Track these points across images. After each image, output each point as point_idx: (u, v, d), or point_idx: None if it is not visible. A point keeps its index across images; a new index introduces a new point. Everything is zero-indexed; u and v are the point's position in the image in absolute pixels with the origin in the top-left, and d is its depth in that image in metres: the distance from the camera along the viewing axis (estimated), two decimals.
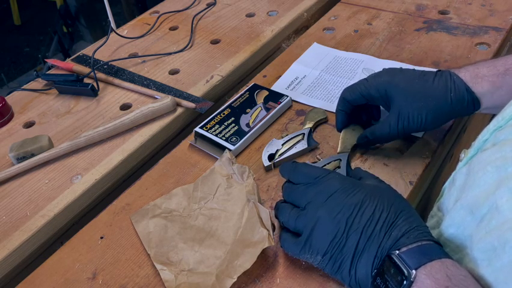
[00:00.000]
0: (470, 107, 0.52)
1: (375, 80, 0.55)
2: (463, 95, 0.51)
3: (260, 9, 0.93)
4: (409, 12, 0.85)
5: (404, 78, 0.54)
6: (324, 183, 0.45)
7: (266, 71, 0.76)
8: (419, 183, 0.55)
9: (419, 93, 0.52)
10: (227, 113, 0.66)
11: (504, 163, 0.37)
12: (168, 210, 0.54)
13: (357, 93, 0.56)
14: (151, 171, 0.61)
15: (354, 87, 0.57)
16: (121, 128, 0.67)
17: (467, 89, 0.51)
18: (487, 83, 0.51)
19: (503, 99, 0.50)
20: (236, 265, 0.46)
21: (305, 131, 0.62)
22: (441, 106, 0.52)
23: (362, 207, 0.42)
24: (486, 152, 0.40)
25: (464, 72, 0.52)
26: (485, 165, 0.39)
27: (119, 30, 0.90)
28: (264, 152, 0.60)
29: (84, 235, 0.54)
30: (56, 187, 0.60)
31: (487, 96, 0.51)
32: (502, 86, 0.50)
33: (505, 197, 0.35)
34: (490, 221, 0.36)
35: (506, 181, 0.35)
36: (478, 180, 0.39)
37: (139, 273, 0.49)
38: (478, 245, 0.37)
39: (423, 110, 0.52)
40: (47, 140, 0.65)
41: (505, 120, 0.41)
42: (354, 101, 0.57)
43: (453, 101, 0.51)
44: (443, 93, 0.52)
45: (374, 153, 0.59)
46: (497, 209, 0.35)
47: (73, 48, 2.21)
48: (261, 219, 0.49)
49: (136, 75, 0.78)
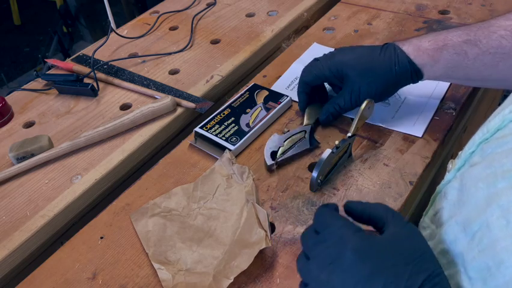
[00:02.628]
0: (413, 77, 0.57)
1: (328, 61, 0.60)
2: (406, 67, 0.56)
3: (260, 9, 0.93)
4: (409, 12, 0.85)
5: (353, 56, 0.59)
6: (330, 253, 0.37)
7: (266, 71, 0.76)
8: (419, 183, 0.55)
9: (368, 69, 0.57)
10: (227, 113, 0.66)
11: (494, 180, 0.36)
12: (167, 209, 0.54)
13: (313, 75, 0.61)
14: (151, 171, 0.61)
15: (310, 70, 0.62)
16: (121, 128, 0.67)
17: (409, 61, 0.56)
18: (426, 56, 0.55)
19: (441, 71, 0.56)
20: (233, 266, 0.46)
21: (306, 128, 0.62)
22: (387, 79, 0.57)
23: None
24: (477, 167, 0.40)
25: (407, 45, 0.56)
26: (477, 182, 0.38)
27: (119, 30, 0.90)
28: (266, 149, 0.59)
29: (84, 235, 0.54)
30: (56, 187, 0.60)
31: (427, 67, 0.56)
32: (439, 60, 0.55)
33: (495, 215, 0.34)
34: (481, 239, 0.35)
35: (496, 198, 0.35)
36: (471, 196, 0.39)
37: (139, 273, 0.49)
38: (472, 264, 0.36)
39: (372, 84, 0.57)
40: (47, 140, 0.65)
41: (490, 132, 0.41)
42: (312, 82, 0.62)
43: (397, 73, 0.56)
44: (388, 67, 0.56)
45: (374, 153, 0.59)
46: (488, 226, 0.35)
47: (73, 48, 2.21)
48: (258, 220, 0.49)
49: (136, 75, 0.78)
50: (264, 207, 0.54)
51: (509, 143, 0.37)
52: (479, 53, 0.53)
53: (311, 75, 0.61)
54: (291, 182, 0.57)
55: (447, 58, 0.54)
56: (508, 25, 0.52)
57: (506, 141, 0.38)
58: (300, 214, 0.53)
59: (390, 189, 0.54)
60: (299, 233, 0.51)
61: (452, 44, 0.54)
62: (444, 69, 0.55)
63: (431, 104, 0.64)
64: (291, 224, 0.52)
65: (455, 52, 0.54)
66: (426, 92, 0.66)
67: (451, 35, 0.55)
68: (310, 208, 0.53)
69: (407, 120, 0.63)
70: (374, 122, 0.63)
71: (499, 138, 0.39)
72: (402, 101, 0.66)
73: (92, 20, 2.18)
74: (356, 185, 0.55)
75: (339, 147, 0.54)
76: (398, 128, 0.62)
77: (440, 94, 0.66)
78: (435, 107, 0.64)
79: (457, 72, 0.55)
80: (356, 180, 0.56)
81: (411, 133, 0.61)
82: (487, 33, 0.53)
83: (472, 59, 0.53)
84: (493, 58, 0.52)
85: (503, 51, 0.51)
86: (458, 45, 0.54)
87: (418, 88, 0.67)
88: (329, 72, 0.59)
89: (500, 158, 0.37)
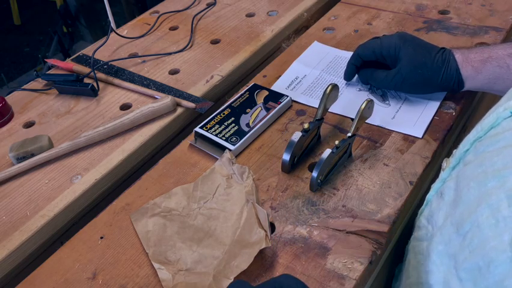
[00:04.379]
0: (455, 86, 0.59)
1: (388, 41, 0.62)
2: (453, 75, 0.58)
3: (260, 9, 0.93)
4: (409, 12, 0.85)
5: (412, 45, 0.61)
6: None
7: (266, 71, 0.76)
8: (419, 183, 0.55)
9: (422, 62, 0.59)
10: (227, 113, 0.66)
11: (485, 179, 0.36)
12: (167, 209, 0.54)
13: (370, 50, 0.63)
14: (151, 171, 0.61)
15: (369, 45, 0.64)
16: (121, 128, 0.67)
17: (457, 70, 0.58)
18: (470, 68, 0.57)
19: (482, 83, 0.58)
20: (233, 266, 0.46)
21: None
22: (433, 79, 0.59)
23: None
24: (469, 166, 0.40)
25: (459, 54, 0.59)
26: (469, 181, 0.38)
27: (119, 30, 0.90)
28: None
29: (84, 235, 0.54)
30: (56, 187, 0.60)
31: (469, 79, 0.58)
32: (481, 72, 0.56)
33: (485, 214, 0.34)
34: (472, 239, 0.35)
35: (486, 197, 0.35)
36: (463, 196, 0.38)
37: (139, 273, 0.49)
38: (464, 265, 0.36)
39: (418, 77, 0.60)
40: (47, 140, 0.65)
41: (484, 131, 0.41)
42: (366, 56, 0.65)
43: (444, 78, 0.59)
44: (439, 69, 0.59)
45: (374, 153, 0.59)
46: (479, 226, 0.35)
47: (73, 48, 2.21)
48: (258, 220, 0.49)
49: (136, 75, 0.78)
50: (264, 207, 0.54)
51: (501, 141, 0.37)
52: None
53: (368, 50, 0.64)
54: (291, 182, 0.57)
55: (489, 70, 0.56)
56: None
57: (498, 140, 0.37)
58: (300, 214, 0.53)
59: (390, 189, 0.54)
60: (299, 233, 0.51)
61: (496, 57, 0.56)
62: (486, 81, 0.57)
63: (432, 105, 0.64)
64: (291, 224, 0.52)
65: (498, 65, 0.55)
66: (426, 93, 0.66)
67: (497, 48, 0.56)
68: (310, 208, 0.53)
69: (407, 120, 0.63)
70: (373, 123, 0.63)
71: (492, 136, 0.39)
72: (403, 102, 0.66)
73: (92, 20, 2.18)
74: (356, 185, 0.55)
75: (339, 147, 0.54)
76: (398, 129, 0.62)
77: (440, 95, 0.65)
78: (435, 108, 0.64)
79: (498, 84, 0.56)
80: (356, 180, 0.56)
81: (411, 134, 0.61)
82: None
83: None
84: None
85: None
86: (502, 58, 0.55)
87: None
88: (386, 50, 0.61)
89: (491, 157, 0.37)
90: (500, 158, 0.36)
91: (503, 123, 0.38)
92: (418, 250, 0.47)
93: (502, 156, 0.36)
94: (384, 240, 0.49)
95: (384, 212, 0.52)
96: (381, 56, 0.63)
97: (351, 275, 0.46)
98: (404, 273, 0.51)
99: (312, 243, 0.50)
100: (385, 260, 0.56)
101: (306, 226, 0.51)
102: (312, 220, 0.52)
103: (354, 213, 0.52)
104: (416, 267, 0.46)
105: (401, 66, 0.60)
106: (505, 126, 0.38)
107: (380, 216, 0.51)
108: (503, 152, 0.36)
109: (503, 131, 0.38)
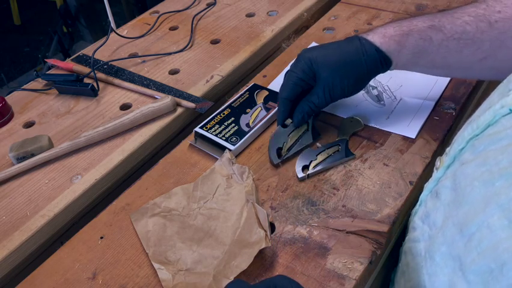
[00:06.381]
0: (383, 65, 0.55)
1: (299, 65, 0.58)
2: (374, 56, 0.54)
3: (260, 9, 0.93)
4: (409, 12, 0.85)
5: (321, 53, 0.57)
6: None
7: (266, 71, 0.76)
8: (419, 183, 0.55)
9: (337, 62, 0.56)
10: (227, 113, 0.66)
11: (491, 178, 0.35)
12: (167, 209, 0.54)
13: (291, 87, 0.58)
14: (151, 171, 0.61)
15: (287, 84, 0.59)
16: (121, 128, 0.67)
17: (376, 49, 0.54)
18: (393, 42, 0.54)
19: (408, 57, 0.55)
20: (233, 265, 0.46)
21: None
22: (358, 70, 0.55)
23: None
24: (470, 165, 0.39)
25: (372, 34, 0.55)
26: (472, 181, 0.37)
27: (119, 30, 0.90)
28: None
29: (84, 235, 0.54)
30: (56, 187, 0.60)
31: (395, 54, 0.54)
32: (405, 45, 0.54)
33: (496, 215, 0.33)
34: (481, 241, 0.34)
35: (495, 197, 0.34)
36: (467, 196, 0.37)
37: (139, 273, 0.49)
38: (472, 267, 0.35)
39: (344, 77, 0.56)
40: (47, 140, 0.65)
41: (480, 129, 0.40)
42: (293, 95, 0.59)
43: (367, 63, 0.55)
44: (357, 58, 0.55)
45: (374, 153, 0.59)
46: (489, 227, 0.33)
47: (73, 48, 2.21)
48: (258, 219, 0.49)
49: (136, 75, 0.78)
50: (264, 207, 0.54)
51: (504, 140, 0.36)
52: (444, 38, 0.52)
53: (290, 88, 0.59)
54: (291, 182, 0.57)
55: (413, 43, 0.53)
56: (472, 11, 0.51)
57: (500, 138, 0.37)
58: (300, 214, 0.53)
59: (390, 189, 0.54)
60: (299, 233, 0.51)
61: (417, 30, 0.53)
62: (411, 55, 0.54)
63: (426, 106, 0.64)
64: (291, 224, 0.52)
65: (420, 37, 0.53)
66: (421, 94, 0.66)
67: (416, 21, 0.54)
68: (310, 208, 0.53)
69: (402, 121, 0.63)
70: (368, 123, 0.63)
71: (492, 134, 0.38)
72: (398, 102, 0.66)
73: (92, 20, 2.18)
74: (356, 185, 0.55)
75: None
76: (392, 129, 0.62)
77: (435, 95, 0.66)
78: (430, 109, 0.64)
79: (423, 58, 0.54)
80: (356, 180, 0.56)
81: (405, 134, 0.60)
82: (451, 19, 0.52)
83: (437, 44, 0.53)
84: (458, 44, 0.52)
85: (467, 36, 0.51)
86: (423, 30, 0.53)
87: (414, 89, 0.67)
88: (302, 74, 0.57)
89: (495, 155, 0.36)
90: (506, 156, 0.35)
91: (503, 121, 0.38)
92: (416, 252, 0.46)
93: (507, 154, 0.35)
94: (384, 240, 0.49)
95: (384, 212, 0.52)
96: (304, 82, 0.58)
97: (351, 275, 0.46)
98: (402, 276, 0.50)
99: (312, 243, 0.50)
100: (382, 264, 0.56)
101: (306, 226, 0.51)
102: (312, 220, 0.52)
103: (354, 213, 0.52)
104: (416, 269, 0.45)
105: (322, 78, 0.56)
106: (505, 124, 0.37)
107: (380, 216, 0.51)
108: (507, 150, 0.35)
109: (504, 129, 0.37)
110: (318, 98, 0.58)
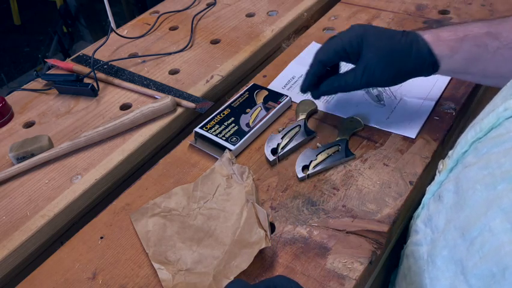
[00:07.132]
0: (429, 68, 0.54)
1: (348, 35, 0.55)
2: (425, 56, 0.53)
3: (260, 9, 0.93)
4: (409, 12, 0.85)
5: (374, 34, 0.55)
6: None
7: (266, 71, 0.76)
8: (419, 183, 0.55)
9: (386, 50, 0.54)
10: (227, 113, 0.66)
11: (493, 181, 0.35)
12: (167, 209, 0.54)
13: (332, 52, 0.56)
14: (151, 171, 0.61)
15: (328, 47, 0.56)
16: (121, 128, 0.67)
17: (428, 50, 0.53)
18: (446, 47, 0.52)
19: (460, 63, 0.53)
20: (233, 265, 0.46)
21: (300, 122, 0.63)
22: (404, 64, 0.54)
23: None
24: (472, 168, 0.38)
25: (428, 34, 0.53)
26: (474, 184, 0.37)
27: (119, 30, 0.90)
28: (266, 148, 0.60)
29: (84, 235, 0.54)
30: (56, 187, 0.60)
31: (445, 59, 0.53)
32: (458, 51, 0.52)
33: (498, 219, 0.33)
34: (483, 244, 0.34)
35: (497, 201, 0.33)
36: (469, 199, 0.37)
37: (139, 273, 0.49)
38: (474, 271, 0.34)
39: (388, 66, 0.54)
40: (47, 140, 0.65)
41: (483, 131, 0.39)
42: (329, 60, 0.57)
43: (415, 60, 0.53)
44: (408, 52, 0.53)
45: (374, 153, 0.59)
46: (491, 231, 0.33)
47: (73, 48, 2.21)
48: (258, 219, 0.49)
49: (136, 75, 0.78)
50: (264, 207, 0.54)
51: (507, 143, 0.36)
52: (500, 46, 0.50)
53: (330, 52, 0.56)
54: (291, 182, 0.57)
55: (467, 49, 0.52)
56: None
57: (503, 141, 0.36)
58: (300, 214, 0.53)
59: (390, 189, 0.54)
60: (299, 233, 0.51)
61: (473, 36, 0.51)
62: (463, 62, 0.52)
63: (426, 106, 0.64)
64: (291, 224, 0.52)
65: (475, 44, 0.51)
66: (422, 94, 0.66)
67: (472, 27, 0.52)
68: (310, 208, 0.53)
69: (402, 121, 0.63)
70: (368, 123, 0.63)
71: (495, 137, 0.38)
72: (398, 102, 0.66)
73: (92, 20, 2.18)
74: (356, 185, 0.55)
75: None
76: (392, 129, 0.62)
77: (435, 95, 0.66)
78: (430, 109, 0.64)
79: (475, 66, 0.52)
80: (356, 180, 0.56)
81: (405, 134, 0.60)
82: (508, 28, 0.50)
83: (492, 52, 0.51)
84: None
85: None
86: (479, 36, 0.51)
87: (414, 89, 0.67)
88: (349, 45, 0.54)
89: (498, 158, 0.35)
90: (508, 159, 0.34)
91: (506, 124, 0.37)
92: (418, 255, 0.46)
93: (510, 157, 0.34)
94: (384, 240, 0.49)
95: (384, 212, 0.52)
96: (345, 53, 0.55)
97: (351, 275, 0.46)
98: (404, 279, 0.49)
99: (312, 243, 0.50)
100: (382, 265, 0.56)
101: (306, 226, 0.51)
102: (312, 220, 0.52)
103: (354, 213, 0.52)
104: (418, 273, 0.45)
105: (368, 58, 0.54)
106: (508, 127, 0.37)
107: (380, 216, 0.51)
108: (510, 152, 0.35)
109: (507, 132, 0.37)
110: (353, 78, 0.55)
